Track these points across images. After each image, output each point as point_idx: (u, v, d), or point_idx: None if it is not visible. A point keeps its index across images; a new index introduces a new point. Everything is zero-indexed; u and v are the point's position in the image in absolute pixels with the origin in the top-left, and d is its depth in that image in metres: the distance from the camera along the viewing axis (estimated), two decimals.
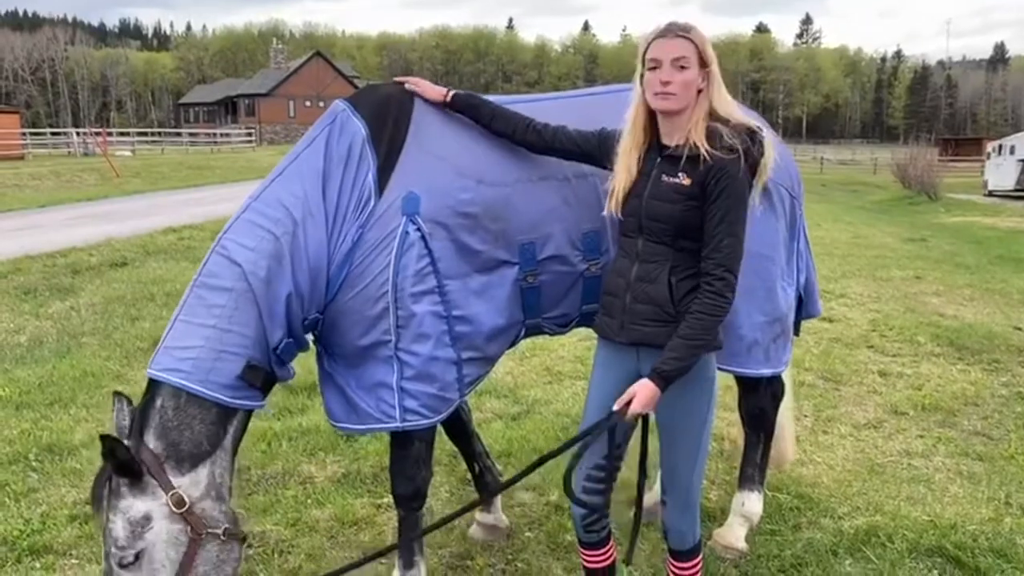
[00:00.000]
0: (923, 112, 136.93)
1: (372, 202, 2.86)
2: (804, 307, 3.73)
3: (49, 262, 11.14)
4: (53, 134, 52.88)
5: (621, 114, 2.67)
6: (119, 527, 2.57)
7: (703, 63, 2.51)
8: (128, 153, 42.83)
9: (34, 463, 4.72)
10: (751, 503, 3.80)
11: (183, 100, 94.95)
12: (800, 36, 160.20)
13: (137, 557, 2.58)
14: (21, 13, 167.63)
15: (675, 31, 2.52)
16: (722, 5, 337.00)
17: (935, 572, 3.59)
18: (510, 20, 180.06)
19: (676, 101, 2.50)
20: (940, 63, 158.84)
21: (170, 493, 2.60)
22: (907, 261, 13.02)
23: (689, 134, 2.50)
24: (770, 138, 2.59)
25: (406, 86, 3.10)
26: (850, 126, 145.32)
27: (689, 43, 2.49)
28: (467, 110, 3.04)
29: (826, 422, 5.53)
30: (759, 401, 3.77)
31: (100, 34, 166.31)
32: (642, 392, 2.48)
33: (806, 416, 5.64)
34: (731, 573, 3.57)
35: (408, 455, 3.06)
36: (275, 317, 2.77)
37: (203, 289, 2.77)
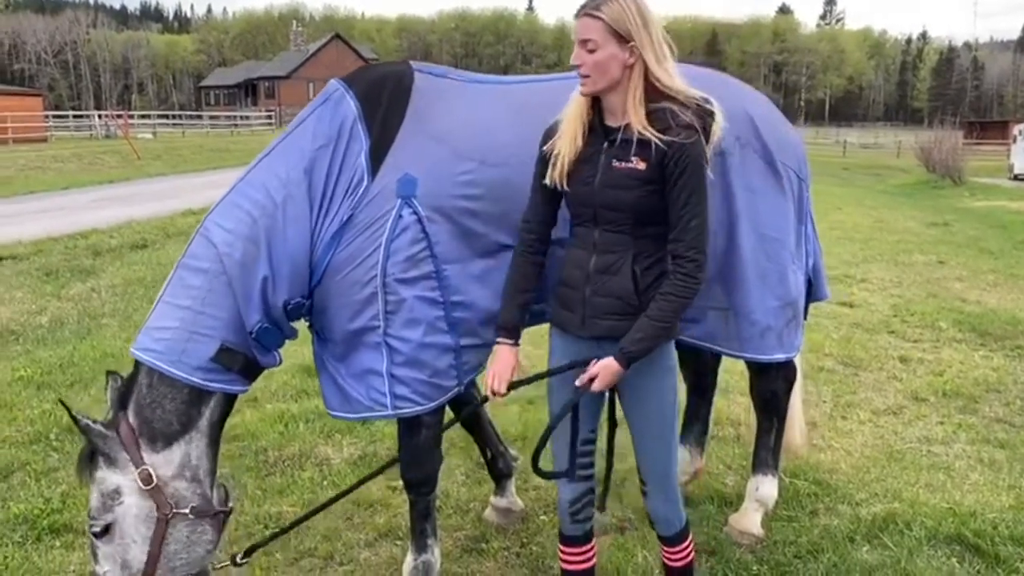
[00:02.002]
0: (948, 94, 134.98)
1: (364, 183, 2.81)
2: (812, 291, 3.67)
3: (71, 244, 11.24)
4: (75, 117, 53.32)
5: None
6: (94, 497, 2.66)
7: (621, 38, 2.34)
8: (149, 136, 43.09)
9: (55, 443, 4.77)
10: (765, 488, 3.76)
11: (203, 83, 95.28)
12: (823, 17, 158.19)
13: (107, 529, 2.63)
14: None
15: (583, 10, 2.38)
16: None
17: (954, 560, 3.56)
18: (530, 2, 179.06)
19: (591, 83, 2.39)
20: (967, 44, 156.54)
21: (139, 469, 2.64)
22: (930, 246, 12.87)
23: (628, 114, 2.39)
24: (719, 111, 2.45)
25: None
26: (873, 109, 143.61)
27: (596, 21, 2.34)
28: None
29: (845, 408, 5.49)
30: (771, 384, 3.71)
31: (121, 17, 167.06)
32: (604, 372, 2.43)
33: (825, 402, 5.60)
34: (747, 559, 3.55)
35: (416, 441, 3.05)
36: (251, 300, 2.73)
37: (184, 270, 2.77)
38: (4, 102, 38.84)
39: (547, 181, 2.53)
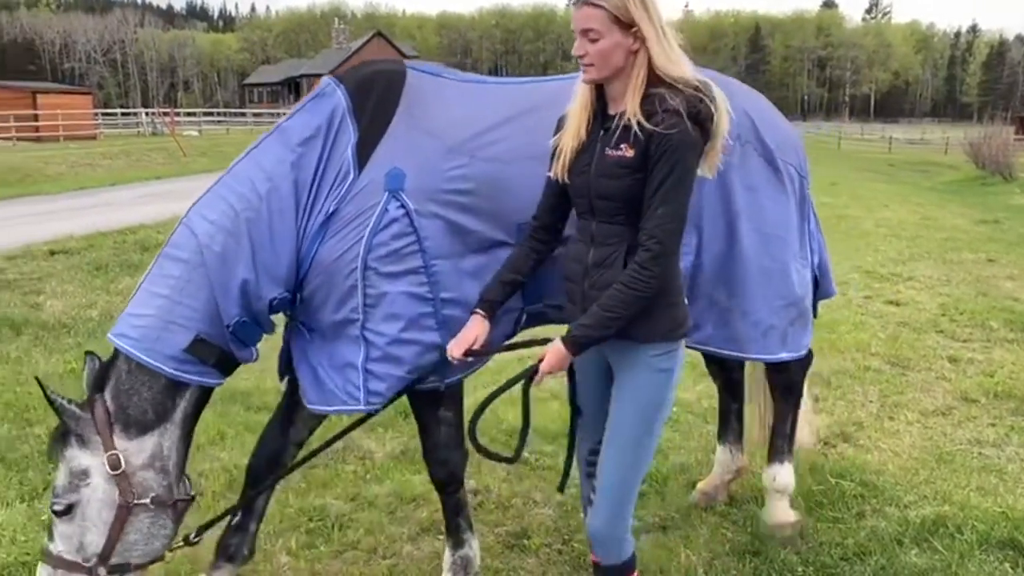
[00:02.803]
0: (999, 89, 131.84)
1: (351, 176, 2.77)
2: (819, 289, 3.59)
3: (119, 239, 11.47)
4: (123, 114, 54.32)
5: None
6: (60, 476, 2.66)
7: (624, 24, 2.28)
8: (195, 133, 43.78)
9: None
10: (783, 476, 3.68)
11: (247, 80, 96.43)
12: (869, 11, 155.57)
13: (69, 509, 2.63)
14: None
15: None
16: None
17: (1007, 565, 3.47)
18: None
19: (594, 72, 2.33)
20: (1019, 37, 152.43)
21: (108, 453, 2.63)
22: (979, 243, 12.57)
23: (626, 101, 2.32)
24: (721, 96, 2.34)
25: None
26: (920, 104, 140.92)
27: (597, 9, 2.28)
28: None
29: (892, 408, 5.39)
30: (789, 375, 3.63)
31: (168, 16, 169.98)
32: (549, 354, 2.37)
33: (871, 401, 5.51)
34: (792, 559, 3.51)
35: (436, 440, 3.04)
36: (229, 293, 2.71)
37: (165, 259, 2.77)
38: (56, 100, 39.77)
39: (551, 174, 2.51)
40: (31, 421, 5.03)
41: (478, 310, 2.63)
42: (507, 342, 2.81)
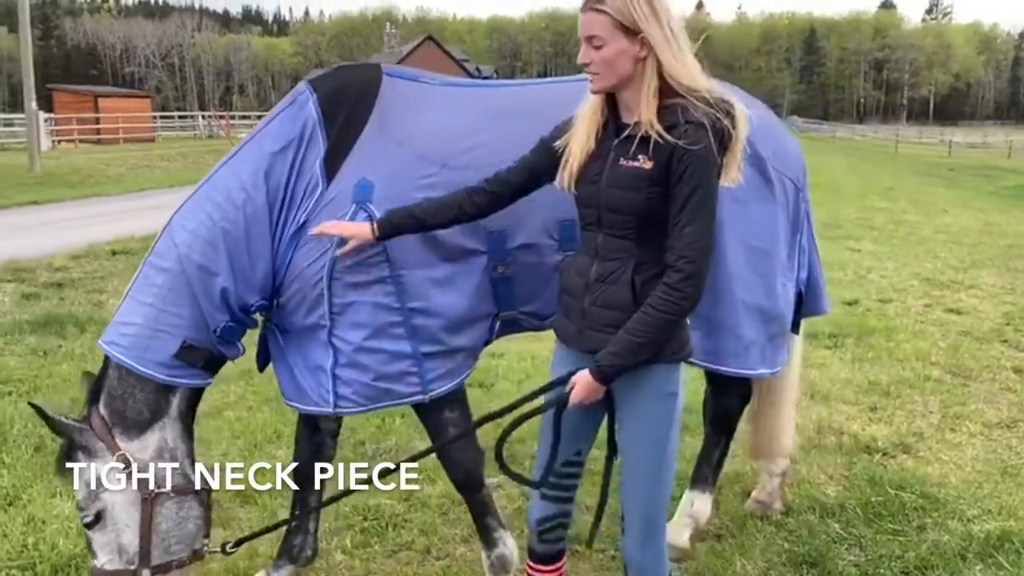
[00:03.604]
0: None
1: (320, 188, 2.79)
2: (807, 304, 3.50)
3: None
4: (180, 117, 55.59)
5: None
6: (80, 490, 2.73)
7: (629, 31, 2.19)
8: None
9: None
10: (700, 503, 3.62)
11: None
12: (929, 12, 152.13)
13: (98, 517, 2.70)
14: (152, 1, 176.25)
15: (588, 4, 2.23)
16: None
17: None
18: None
19: (600, 80, 2.24)
20: None
21: (116, 455, 2.70)
22: None
23: (640, 110, 2.22)
24: (741, 107, 2.26)
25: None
26: (982, 107, 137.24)
27: (600, 16, 2.19)
28: (402, 224, 2.65)
29: (954, 419, 5.25)
30: (726, 402, 3.58)
31: (224, 21, 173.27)
32: (579, 384, 2.30)
33: (932, 412, 5.38)
34: (851, 572, 3.44)
35: (446, 443, 3.03)
36: (213, 300, 2.75)
37: (149, 267, 2.81)
38: (116, 104, 40.83)
39: (556, 183, 2.42)
40: None
41: (374, 223, 2.64)
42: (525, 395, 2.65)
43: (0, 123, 40.27)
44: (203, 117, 48.71)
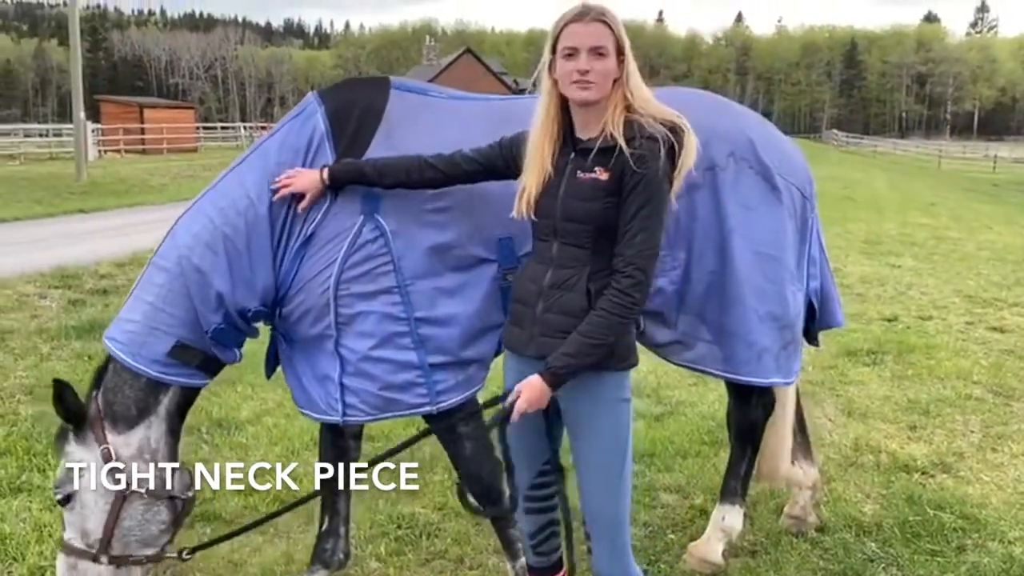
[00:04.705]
0: None
1: (327, 201, 2.83)
2: (821, 316, 3.49)
3: None
4: (223, 128, 56.51)
5: None
6: (61, 468, 2.85)
7: (620, 50, 2.33)
8: None
9: (205, 436, 5.07)
10: (731, 517, 3.59)
11: None
12: (974, 25, 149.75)
13: (69, 498, 2.81)
14: (197, 14, 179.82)
15: (592, 15, 2.32)
16: None
17: None
18: (660, 13, 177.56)
19: (596, 91, 2.32)
20: None
21: (101, 447, 2.81)
22: None
23: (606, 126, 2.33)
24: (692, 135, 2.38)
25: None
26: None
27: (606, 28, 2.31)
28: (350, 178, 2.79)
29: (996, 439, 5.16)
30: (750, 413, 3.54)
31: (266, 33, 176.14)
32: (528, 389, 2.31)
33: (972, 431, 5.29)
34: None
35: (463, 457, 3.04)
36: (208, 303, 2.82)
37: (152, 267, 2.91)
38: (160, 114, 41.70)
39: (514, 213, 2.49)
40: None
41: (323, 171, 2.76)
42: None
43: (50, 133, 41.30)
44: (245, 128, 49.51)
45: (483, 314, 2.91)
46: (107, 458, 2.82)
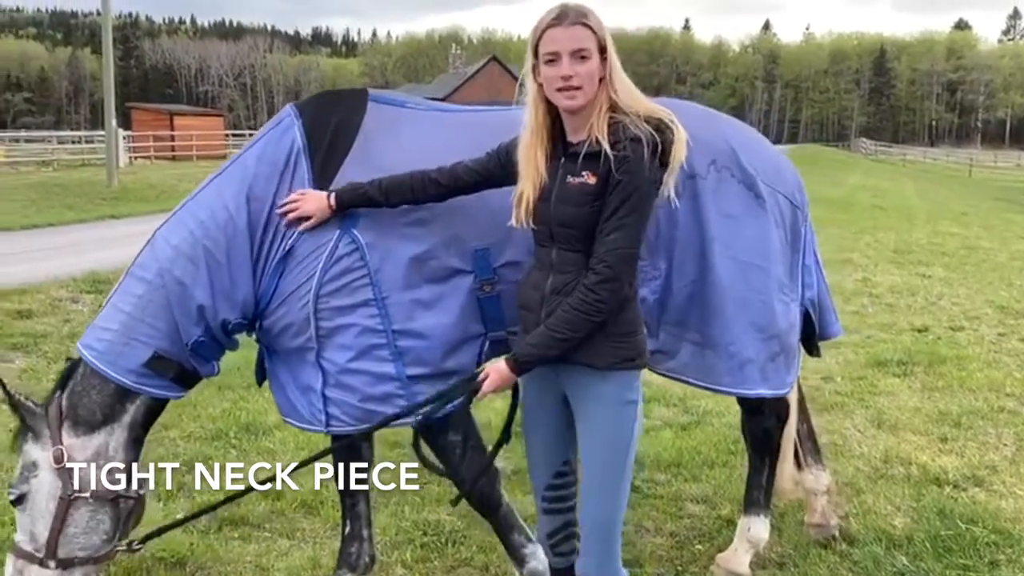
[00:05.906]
0: None
1: None
2: (817, 327, 3.45)
3: None
4: (251, 135, 56.88)
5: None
6: (17, 468, 2.86)
7: (602, 50, 2.31)
8: None
9: (233, 440, 5.12)
10: (757, 528, 3.55)
11: None
12: (1006, 32, 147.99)
13: (20, 499, 2.81)
14: (227, 23, 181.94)
15: (571, 18, 2.30)
16: (915, 3, 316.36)
17: None
18: (686, 21, 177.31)
19: (583, 96, 2.30)
20: None
21: (54, 448, 2.80)
22: None
23: (592, 128, 2.31)
24: (680, 128, 2.35)
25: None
26: None
27: (587, 30, 2.29)
28: (356, 202, 2.80)
29: None
30: (763, 423, 3.50)
31: (295, 42, 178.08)
32: (494, 372, 2.39)
33: (1005, 444, 5.21)
34: None
35: (455, 465, 3.03)
36: (189, 315, 2.83)
37: (131, 277, 2.91)
38: (190, 122, 42.19)
39: (513, 221, 2.49)
40: (166, 425, 5.32)
41: (330, 196, 2.76)
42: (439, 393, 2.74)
43: (83, 140, 41.95)
44: None
45: (461, 325, 2.91)
46: (58, 459, 2.81)
